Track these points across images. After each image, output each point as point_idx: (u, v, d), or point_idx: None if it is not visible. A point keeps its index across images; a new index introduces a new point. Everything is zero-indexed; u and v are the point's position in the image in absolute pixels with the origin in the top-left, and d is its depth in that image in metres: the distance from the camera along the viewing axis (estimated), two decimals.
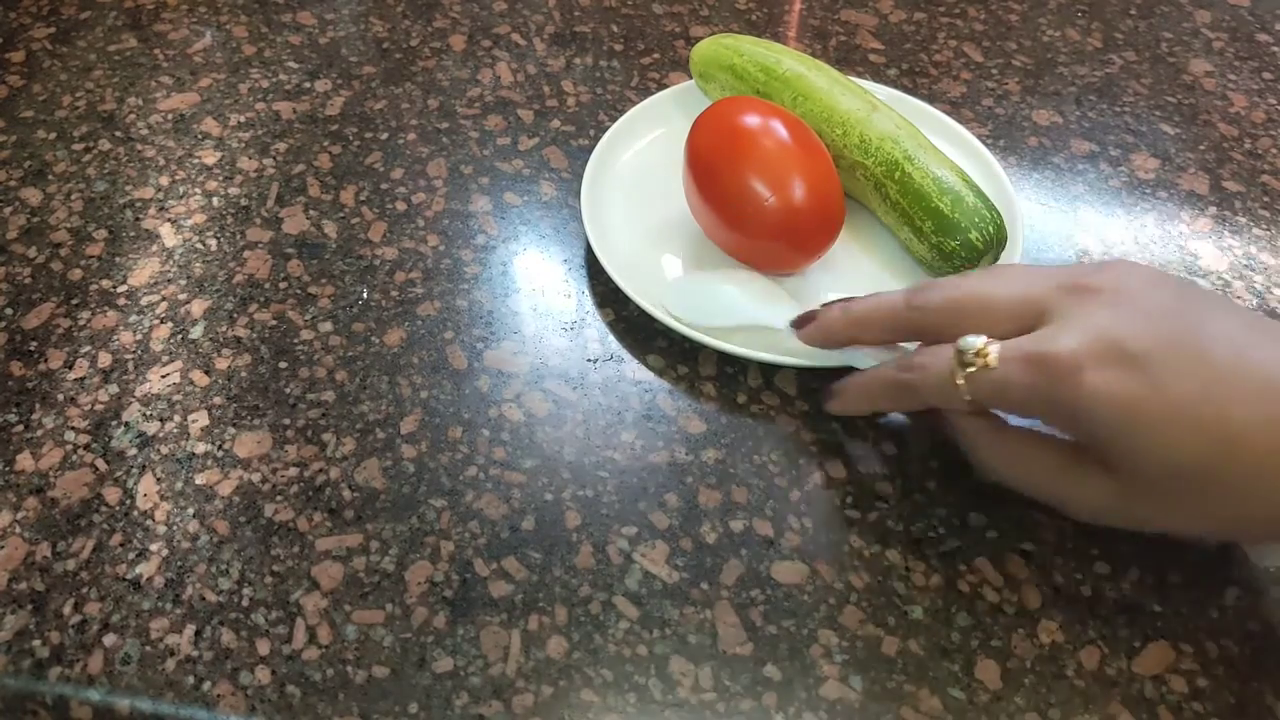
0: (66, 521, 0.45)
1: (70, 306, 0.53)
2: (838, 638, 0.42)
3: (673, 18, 0.71)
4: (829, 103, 0.56)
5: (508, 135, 0.62)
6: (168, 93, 0.65)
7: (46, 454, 0.47)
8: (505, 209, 0.58)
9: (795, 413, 0.49)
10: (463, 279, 0.55)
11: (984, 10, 0.73)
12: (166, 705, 0.40)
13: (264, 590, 0.43)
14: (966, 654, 0.42)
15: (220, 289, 0.54)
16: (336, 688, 0.40)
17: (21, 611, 0.42)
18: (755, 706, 0.40)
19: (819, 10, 0.72)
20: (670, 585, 0.43)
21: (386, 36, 0.69)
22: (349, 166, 0.60)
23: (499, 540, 0.44)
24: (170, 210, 0.58)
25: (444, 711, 0.40)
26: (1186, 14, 0.73)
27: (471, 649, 0.41)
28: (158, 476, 0.46)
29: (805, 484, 0.47)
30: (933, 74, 0.67)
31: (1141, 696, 0.41)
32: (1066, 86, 0.67)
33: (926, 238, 0.52)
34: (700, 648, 0.41)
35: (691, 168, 0.52)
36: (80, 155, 0.61)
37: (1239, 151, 0.63)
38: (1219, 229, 0.58)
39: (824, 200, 0.51)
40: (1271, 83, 0.68)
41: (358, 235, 0.57)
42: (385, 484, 0.46)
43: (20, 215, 0.57)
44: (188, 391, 0.49)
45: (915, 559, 0.44)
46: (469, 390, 0.50)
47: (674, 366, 0.51)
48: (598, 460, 0.47)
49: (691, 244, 0.55)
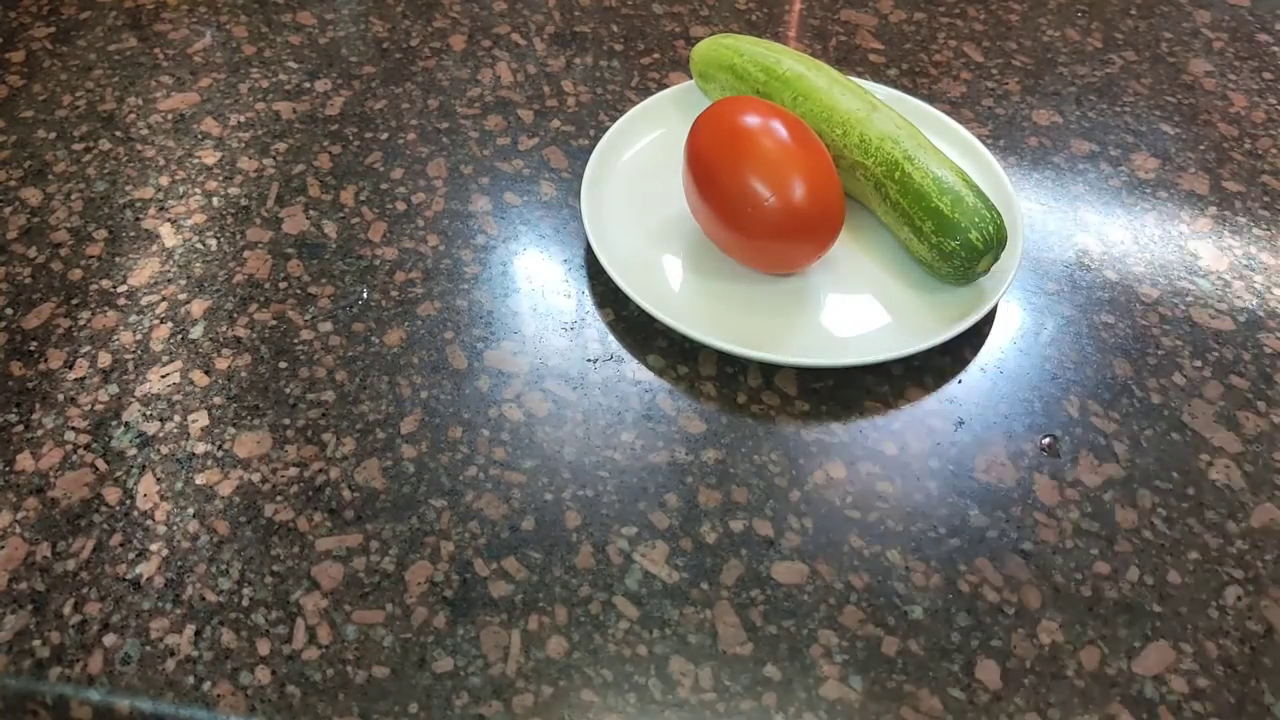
0: (66, 521, 0.45)
1: (70, 306, 0.53)
2: (838, 638, 0.42)
3: (673, 18, 0.71)
4: (829, 103, 0.56)
5: (508, 135, 0.62)
6: (168, 93, 0.65)
7: (46, 454, 0.47)
8: (505, 209, 0.58)
9: (795, 413, 0.49)
10: (463, 279, 0.55)
11: (984, 10, 0.73)
12: (166, 705, 0.40)
13: (264, 590, 0.43)
14: (966, 654, 0.42)
15: (220, 289, 0.54)
16: (336, 688, 0.40)
17: (21, 611, 0.42)
18: (755, 706, 0.40)
19: (819, 10, 0.72)
20: (670, 585, 0.43)
21: (386, 36, 0.69)
22: (349, 166, 0.60)
23: (499, 540, 0.44)
24: (170, 210, 0.58)
25: (444, 711, 0.40)
26: (1186, 14, 0.73)
27: (471, 649, 0.41)
28: (158, 476, 0.46)
29: (805, 484, 0.47)
30: (933, 74, 0.67)
31: (1141, 696, 0.41)
32: (1066, 86, 0.67)
33: (926, 238, 0.52)
34: (700, 648, 0.41)
35: (691, 168, 0.52)
36: (80, 155, 0.61)
37: (1239, 151, 0.63)
38: (1219, 229, 0.58)
39: (824, 200, 0.51)
40: (1271, 83, 0.68)
41: (358, 235, 0.57)
42: (385, 484, 0.46)
43: (20, 215, 0.57)
44: (188, 391, 0.49)
45: (915, 559, 0.44)
46: (469, 390, 0.50)
47: (674, 366, 0.51)
48: (598, 460, 0.47)
49: (691, 244, 0.55)
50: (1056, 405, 0.50)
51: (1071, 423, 0.49)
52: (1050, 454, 0.48)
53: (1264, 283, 0.56)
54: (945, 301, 0.53)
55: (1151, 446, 0.49)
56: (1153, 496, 0.47)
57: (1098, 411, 0.50)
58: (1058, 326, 0.53)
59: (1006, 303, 0.54)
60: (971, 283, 0.53)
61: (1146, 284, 0.55)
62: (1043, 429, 0.49)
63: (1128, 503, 0.47)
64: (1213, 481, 0.47)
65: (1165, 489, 0.47)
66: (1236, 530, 0.46)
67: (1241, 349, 0.53)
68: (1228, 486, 0.47)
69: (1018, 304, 0.54)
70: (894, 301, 0.53)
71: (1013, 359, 0.52)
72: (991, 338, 0.53)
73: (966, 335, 0.52)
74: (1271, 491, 0.47)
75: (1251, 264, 0.57)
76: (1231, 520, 0.46)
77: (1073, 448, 0.48)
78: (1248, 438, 0.49)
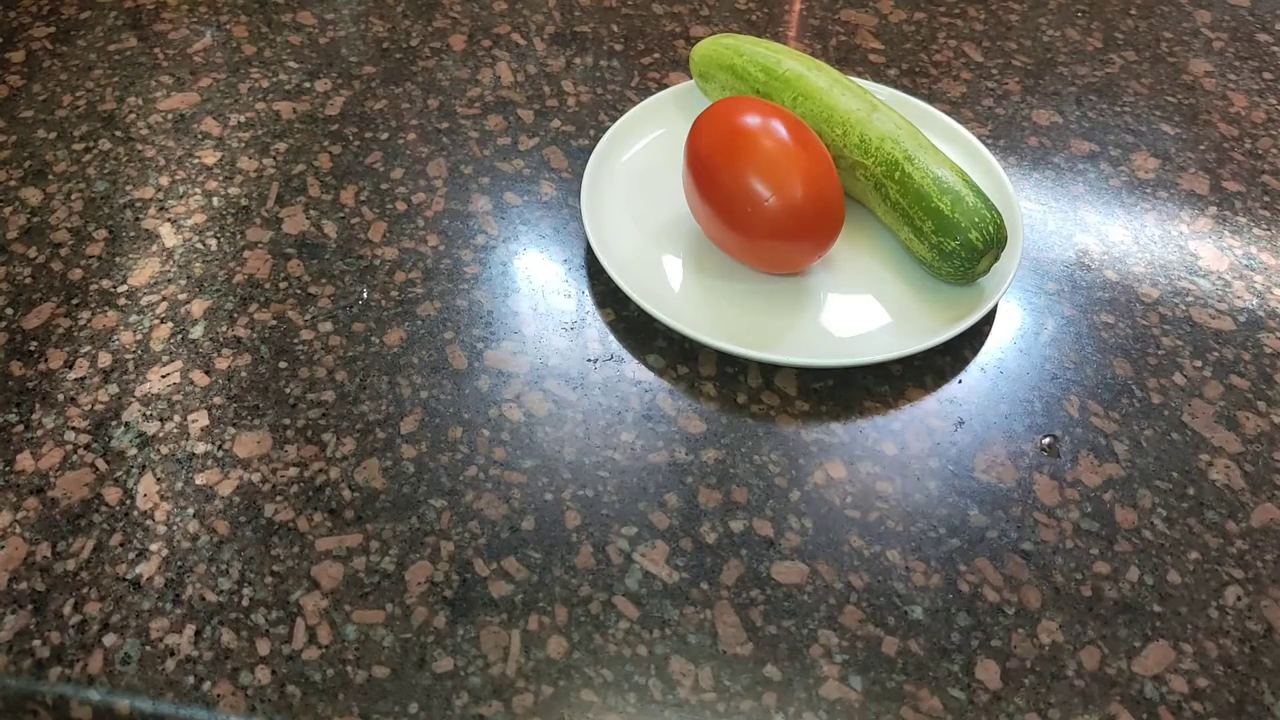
0: (66, 521, 0.45)
1: (70, 306, 0.53)
2: (838, 638, 0.42)
3: (673, 18, 0.71)
4: (829, 103, 0.56)
5: (508, 135, 0.62)
6: (168, 92, 0.65)
7: (46, 454, 0.47)
8: (505, 209, 0.58)
9: (795, 413, 0.49)
10: (463, 279, 0.55)
11: (984, 10, 0.73)
12: (166, 705, 0.40)
13: (264, 590, 0.43)
14: (966, 654, 0.42)
15: (220, 289, 0.54)
16: (336, 688, 0.40)
17: (21, 611, 0.42)
18: (755, 706, 0.40)
19: (819, 10, 0.72)
20: (670, 585, 0.43)
21: (386, 36, 0.69)
22: (349, 166, 0.60)
23: (499, 540, 0.44)
24: (170, 210, 0.58)
25: (444, 711, 0.40)
26: (1186, 14, 0.73)
27: (471, 649, 0.41)
28: (158, 476, 0.46)
29: (805, 484, 0.47)
30: (933, 74, 0.67)
31: (1141, 696, 0.41)
32: (1066, 86, 0.67)
33: (926, 238, 0.52)
34: (700, 648, 0.41)
35: (691, 168, 0.52)
36: (80, 155, 0.61)
37: (1239, 151, 0.63)
38: (1219, 229, 0.58)
39: (824, 200, 0.51)
40: (1271, 83, 0.68)
41: (358, 235, 0.57)
42: (385, 484, 0.46)
43: (20, 215, 0.57)
44: (188, 391, 0.49)
45: (915, 559, 0.44)
46: (469, 390, 0.50)
47: (674, 366, 0.51)
48: (598, 460, 0.47)
49: (691, 244, 0.55)
50: (1056, 405, 0.50)
51: (1071, 423, 0.49)
52: (1050, 454, 0.48)
53: (1264, 283, 0.56)
54: (945, 301, 0.53)
55: (1151, 446, 0.49)
56: (1153, 496, 0.47)
57: (1098, 411, 0.50)
58: (1058, 326, 0.53)
59: (1006, 303, 0.54)
60: (971, 283, 0.53)
61: (1146, 284, 0.55)
62: (1043, 429, 0.49)
63: (1128, 503, 0.47)
64: (1213, 481, 0.47)
65: (1165, 489, 0.47)
66: (1236, 530, 0.46)
67: (1241, 349, 0.53)
68: (1228, 486, 0.47)
69: (1018, 304, 0.54)
70: (894, 301, 0.53)
71: (1013, 359, 0.52)
72: (991, 338, 0.53)
73: (966, 335, 0.52)
74: (1271, 491, 0.47)
75: (1251, 264, 0.57)
76: (1231, 520, 0.46)
77: (1073, 448, 0.48)
78: (1248, 438, 0.49)
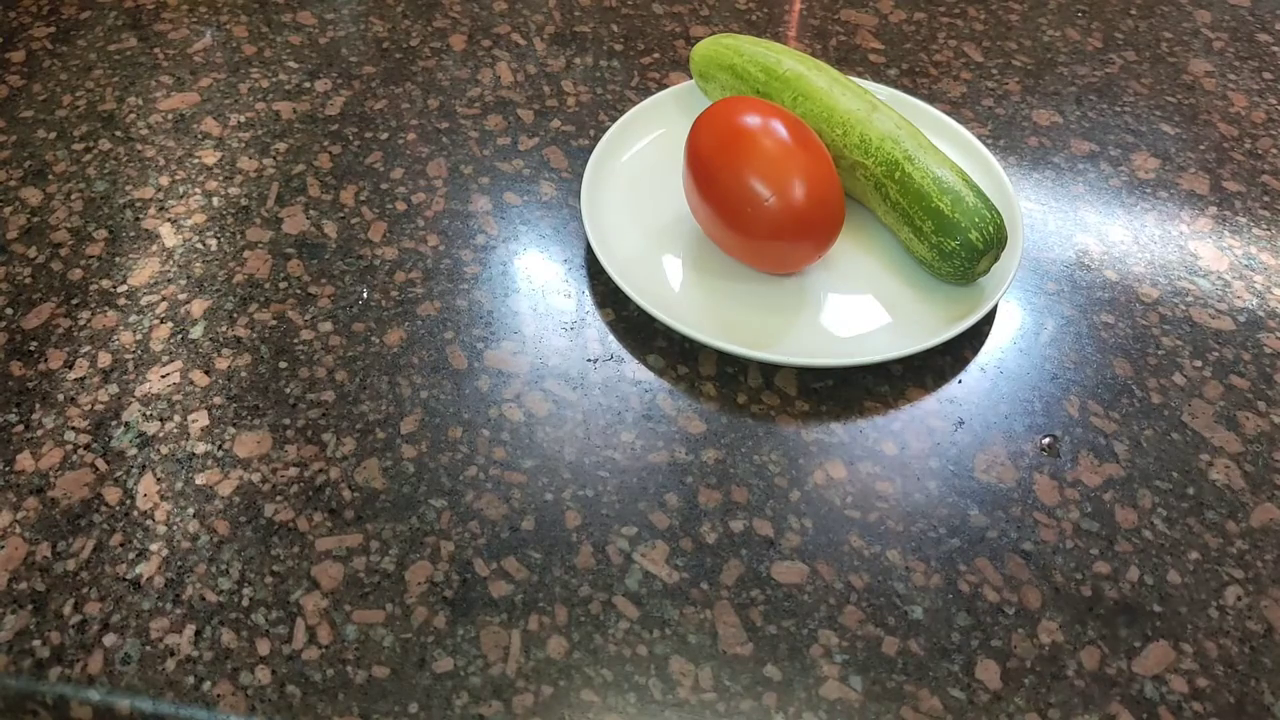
0: (66, 521, 0.45)
1: (70, 306, 0.53)
2: (838, 638, 0.42)
3: (673, 18, 0.71)
4: (829, 103, 0.56)
5: (508, 135, 0.62)
6: (168, 92, 0.65)
7: (46, 454, 0.47)
8: (505, 209, 0.58)
9: (795, 413, 0.49)
10: (463, 279, 0.55)
11: (984, 10, 0.73)
12: (166, 705, 0.40)
13: (264, 590, 0.43)
14: (966, 654, 0.42)
15: (220, 289, 0.54)
16: (336, 688, 0.40)
17: (21, 611, 0.42)
18: (755, 706, 0.40)
19: (819, 10, 0.72)
20: (670, 585, 0.43)
21: (386, 36, 0.69)
22: (349, 166, 0.60)
23: (499, 540, 0.44)
24: (170, 210, 0.58)
25: (444, 711, 0.40)
26: (1186, 14, 0.73)
27: (471, 649, 0.41)
28: (158, 476, 0.46)
29: (805, 484, 0.47)
30: (933, 74, 0.67)
31: (1141, 696, 0.41)
32: (1066, 86, 0.67)
33: (926, 238, 0.52)
34: (700, 648, 0.41)
35: (691, 168, 0.52)
36: (80, 155, 0.61)
37: (1239, 151, 0.63)
38: (1219, 229, 0.58)
39: (824, 200, 0.51)
40: (1271, 83, 0.68)
41: (358, 235, 0.57)
42: (385, 484, 0.46)
43: (20, 215, 0.57)
44: (188, 391, 0.49)
45: (915, 559, 0.44)
46: (469, 390, 0.50)
47: (674, 366, 0.51)
48: (598, 460, 0.47)
49: (691, 244, 0.55)
50: (1056, 405, 0.50)
51: (1071, 423, 0.49)
52: (1050, 454, 0.48)
53: (1264, 283, 0.56)
54: (945, 301, 0.53)
55: (1151, 446, 0.49)
56: (1153, 496, 0.47)
57: (1098, 411, 0.50)
58: (1058, 326, 0.53)
59: (1006, 303, 0.54)
60: (971, 283, 0.53)
61: (1146, 284, 0.55)
62: (1043, 429, 0.49)
63: (1128, 503, 0.47)
64: (1213, 481, 0.47)
65: (1165, 489, 0.47)
66: (1236, 530, 0.46)
67: (1241, 349, 0.53)
68: (1228, 486, 0.47)
69: (1018, 304, 0.54)
70: (894, 301, 0.53)
71: (1013, 359, 0.52)
72: (991, 338, 0.53)
73: (966, 335, 0.52)
74: (1271, 491, 0.47)
75: (1251, 264, 0.57)
76: (1231, 520, 0.46)
77: (1073, 448, 0.48)
78: (1248, 438, 0.49)
